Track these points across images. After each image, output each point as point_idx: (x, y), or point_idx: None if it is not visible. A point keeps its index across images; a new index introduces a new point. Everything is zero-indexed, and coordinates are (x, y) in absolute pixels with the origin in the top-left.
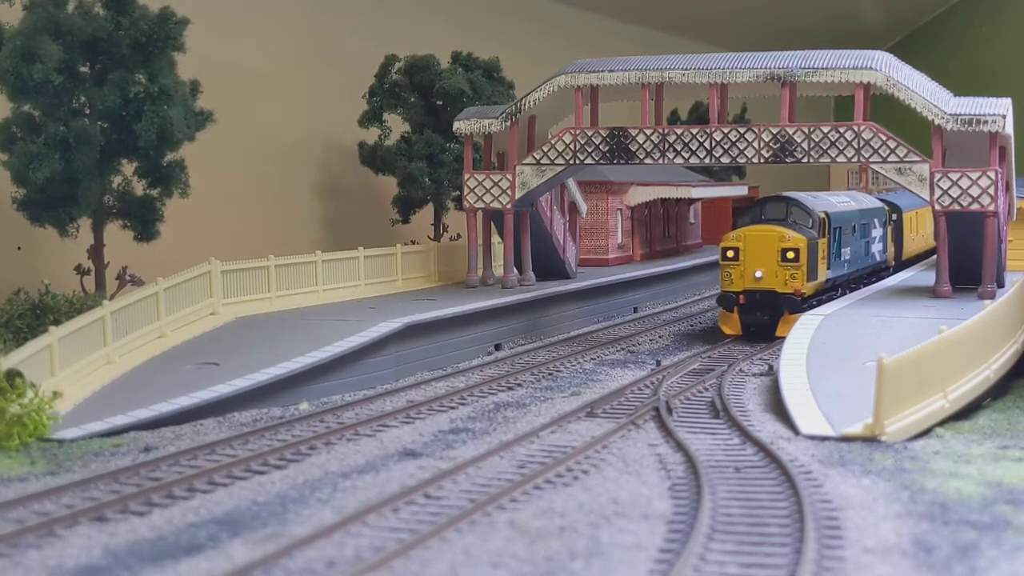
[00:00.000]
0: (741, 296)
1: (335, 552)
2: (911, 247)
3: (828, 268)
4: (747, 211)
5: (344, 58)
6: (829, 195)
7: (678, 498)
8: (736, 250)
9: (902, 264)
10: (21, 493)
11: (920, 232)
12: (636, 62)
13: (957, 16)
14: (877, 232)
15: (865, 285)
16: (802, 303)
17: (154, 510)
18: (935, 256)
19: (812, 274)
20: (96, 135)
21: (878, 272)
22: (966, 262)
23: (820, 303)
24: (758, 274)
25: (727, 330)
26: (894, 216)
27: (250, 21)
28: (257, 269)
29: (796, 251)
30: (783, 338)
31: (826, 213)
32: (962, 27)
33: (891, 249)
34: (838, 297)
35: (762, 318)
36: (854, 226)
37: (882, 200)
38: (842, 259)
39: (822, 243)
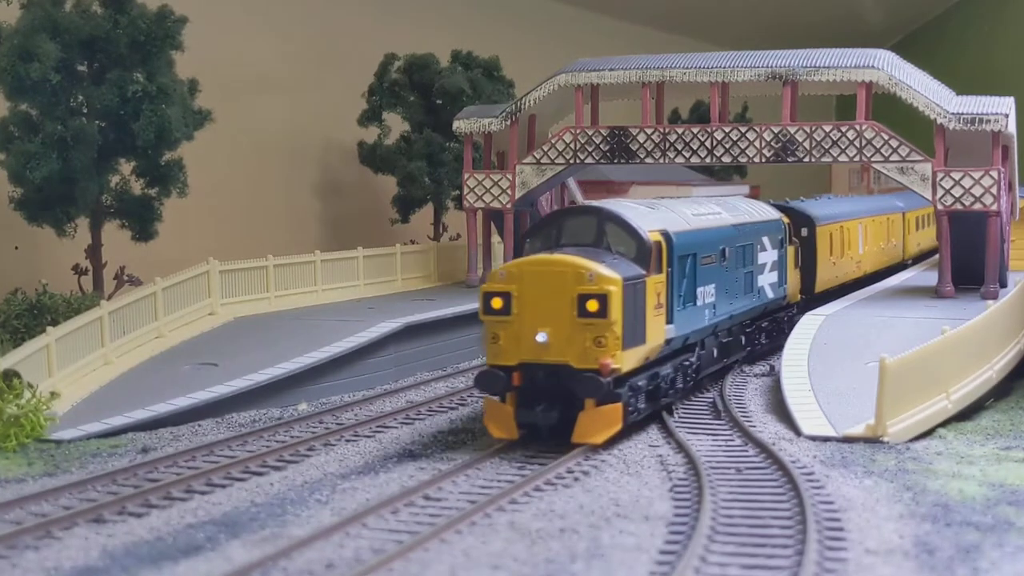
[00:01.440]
0: (516, 374)
1: (334, 554)
2: (830, 274)
3: (671, 321)
4: (538, 230)
5: (343, 57)
6: (685, 203)
7: (679, 499)
8: (506, 297)
9: (815, 299)
10: (18, 494)
11: (848, 253)
12: (637, 61)
13: (960, 15)
14: (768, 257)
15: (751, 333)
16: (621, 382)
17: (152, 511)
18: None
19: (635, 334)
20: (94, 134)
21: (771, 315)
22: (968, 262)
23: (655, 383)
24: (541, 337)
25: (496, 431)
26: (803, 231)
27: (249, 20)
28: (256, 269)
29: (603, 298)
30: (584, 445)
31: (665, 233)
32: (965, 26)
33: (793, 280)
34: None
35: (549, 413)
36: (724, 250)
37: (782, 209)
38: (700, 303)
39: (656, 282)
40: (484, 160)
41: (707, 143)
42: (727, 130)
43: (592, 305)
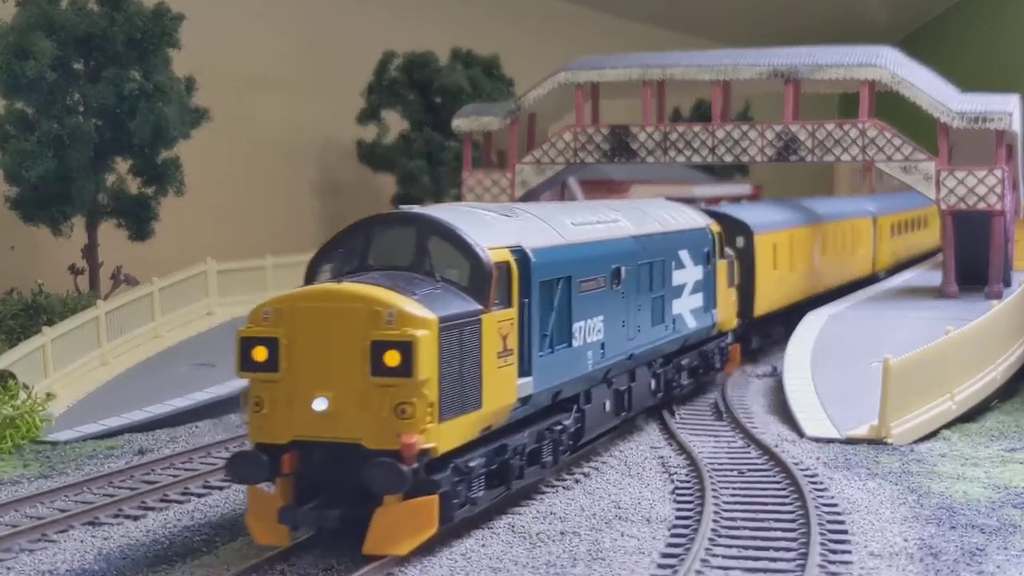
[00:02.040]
0: (287, 457)
1: (333, 555)
2: (775, 293)
3: (528, 372)
4: (335, 247)
5: (342, 55)
6: (567, 209)
7: (681, 502)
8: (272, 346)
9: (756, 325)
10: (13, 496)
11: (799, 267)
12: (638, 59)
13: (964, 12)
14: (688, 276)
15: (666, 374)
16: (439, 465)
17: (148, 514)
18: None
19: (463, 397)
20: (90, 133)
21: (695, 348)
22: (972, 261)
23: (502, 460)
24: (320, 405)
25: (260, 534)
26: (739, 242)
27: (247, 17)
28: (254, 269)
29: (407, 348)
30: (384, 558)
31: (518, 251)
32: (969, 23)
33: (727, 302)
34: (575, 419)
35: (326, 513)
36: (618, 271)
37: (713, 215)
38: (580, 343)
39: (500, 320)
40: (484, 159)
41: (708, 142)
42: (729, 129)
43: (392, 358)
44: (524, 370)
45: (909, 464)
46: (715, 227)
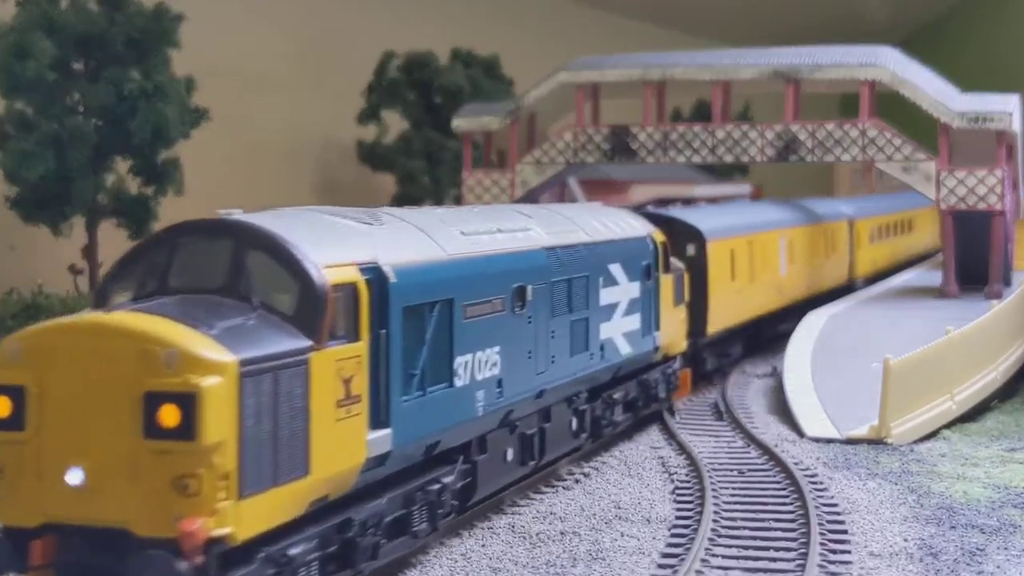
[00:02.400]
0: (38, 544)
1: None
2: (732, 308)
3: (384, 423)
4: (132, 262)
5: (342, 54)
6: (460, 215)
7: (681, 502)
8: (16, 396)
9: (710, 344)
10: None
11: (761, 277)
12: (638, 59)
13: (964, 12)
14: (620, 294)
15: (591, 411)
16: (244, 556)
17: None
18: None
19: (277, 463)
20: (90, 133)
21: (633, 377)
22: (972, 261)
23: (346, 538)
24: (74, 477)
25: None
26: (690, 250)
27: (247, 17)
28: None
29: (188, 401)
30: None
31: (370, 269)
32: (969, 23)
33: (673, 322)
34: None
35: None
36: (520, 291)
37: (657, 219)
38: (464, 382)
39: (341, 358)
40: (484, 159)
41: (708, 142)
42: (729, 129)
43: (169, 415)
44: (379, 421)
45: (909, 464)
46: (659, 236)
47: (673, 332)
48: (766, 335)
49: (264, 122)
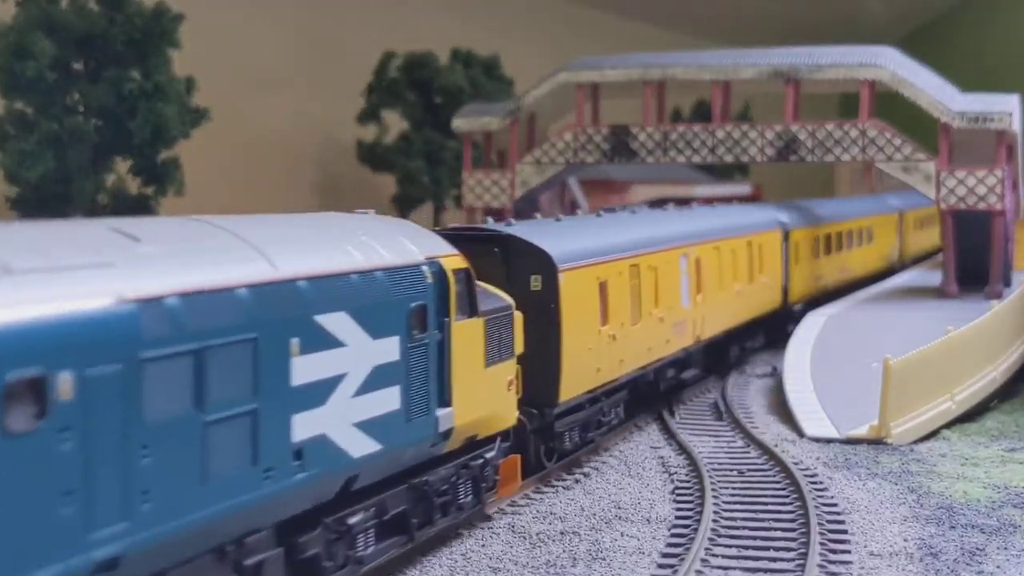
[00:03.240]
0: None
1: None
2: (607, 360)
3: None
4: None
5: (342, 54)
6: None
7: (681, 502)
8: None
9: (563, 415)
10: None
11: (654, 312)
12: (638, 59)
13: (964, 12)
14: (356, 358)
15: (273, 554)
16: None
17: None
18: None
19: None
20: (90, 133)
21: (392, 487)
22: (972, 262)
23: None
24: None
25: None
26: (535, 282)
27: (247, 17)
28: None
29: None
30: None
31: None
32: (969, 23)
33: (488, 391)
34: None
35: None
36: (39, 388)
37: (481, 238)
38: None
39: None
40: (484, 159)
41: (708, 142)
42: (729, 129)
43: None
44: None
45: (909, 464)
46: (451, 263)
47: (487, 403)
48: (669, 385)
49: (264, 122)
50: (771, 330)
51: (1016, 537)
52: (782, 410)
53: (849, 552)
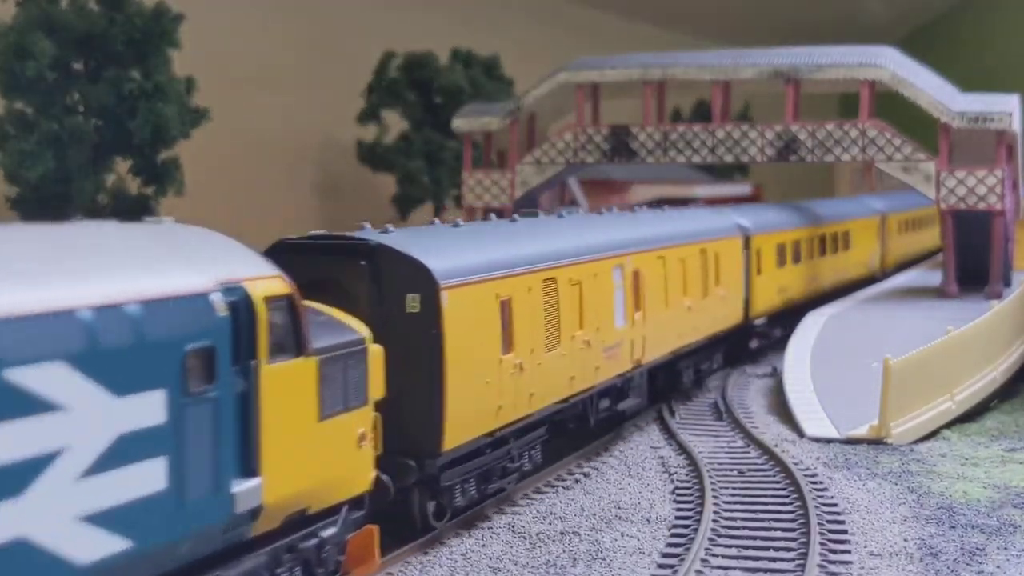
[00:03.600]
0: None
1: None
2: (510, 399)
3: None
4: None
5: (342, 55)
6: None
7: (681, 502)
8: None
9: (450, 465)
10: None
11: (577, 335)
12: (638, 59)
13: (966, 11)
14: (86, 425)
15: None
16: None
17: None
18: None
19: None
20: (90, 133)
21: None
22: (972, 261)
23: None
24: None
25: None
26: (412, 303)
27: (247, 17)
28: None
29: None
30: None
31: None
32: (969, 23)
33: (326, 450)
34: None
35: None
36: None
37: (339, 247)
38: None
39: None
40: (484, 159)
41: (708, 142)
42: (729, 129)
43: None
44: None
45: (909, 464)
46: (262, 288)
47: (322, 466)
48: (602, 418)
49: (264, 122)
50: (732, 348)
51: (1016, 537)
52: (782, 410)
53: (849, 552)
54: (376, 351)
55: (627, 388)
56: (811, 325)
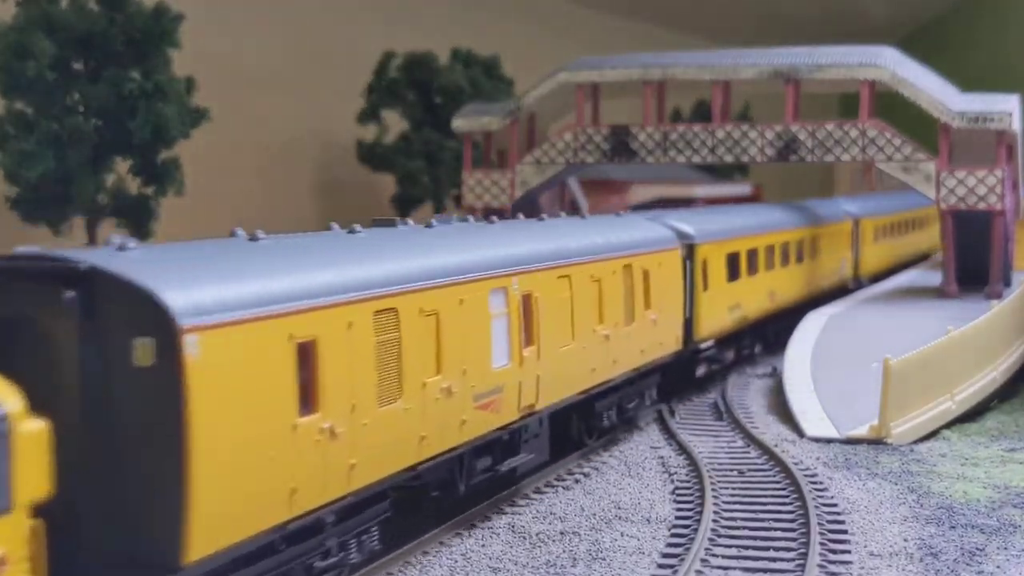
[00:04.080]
0: None
1: None
2: (323, 477)
3: None
4: None
5: (342, 55)
6: None
7: (681, 502)
8: None
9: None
10: None
11: (426, 385)
12: (638, 59)
13: (964, 12)
14: None
15: None
16: None
17: None
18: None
19: None
20: (90, 133)
21: None
22: (972, 261)
23: None
24: None
25: None
26: (137, 354)
27: (247, 17)
28: None
29: None
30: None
31: None
32: (969, 23)
33: None
34: None
35: None
36: None
37: (37, 274)
38: None
39: None
40: (484, 159)
41: (708, 142)
42: (729, 129)
43: None
44: None
45: (909, 464)
46: None
47: None
48: (480, 483)
49: (264, 122)
50: (672, 379)
51: (1016, 537)
52: (782, 410)
53: (849, 552)
54: (31, 432)
55: (517, 442)
56: (811, 325)
